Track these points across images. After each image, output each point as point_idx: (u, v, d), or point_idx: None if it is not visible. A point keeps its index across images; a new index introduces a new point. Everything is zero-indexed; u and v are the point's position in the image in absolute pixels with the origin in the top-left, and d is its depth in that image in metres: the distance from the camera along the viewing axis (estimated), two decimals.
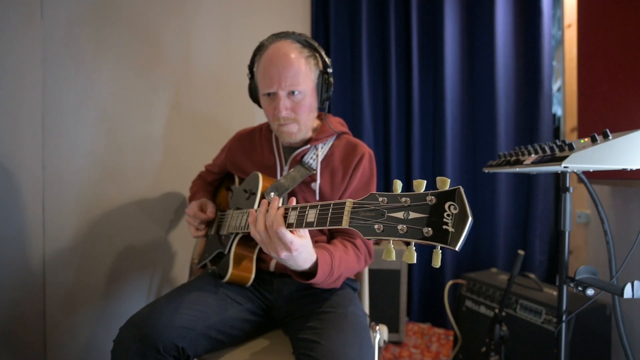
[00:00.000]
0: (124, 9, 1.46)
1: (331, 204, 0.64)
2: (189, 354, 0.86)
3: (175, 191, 1.63)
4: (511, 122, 2.05)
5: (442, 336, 2.06)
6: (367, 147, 1.10)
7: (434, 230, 0.48)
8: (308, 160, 1.06)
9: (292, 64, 0.97)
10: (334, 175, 1.06)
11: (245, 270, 1.02)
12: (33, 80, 1.24)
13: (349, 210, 0.60)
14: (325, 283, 0.90)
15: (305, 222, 0.68)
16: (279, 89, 0.98)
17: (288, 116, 1.00)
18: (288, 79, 0.97)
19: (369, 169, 1.08)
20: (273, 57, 0.99)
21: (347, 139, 1.12)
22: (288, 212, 0.73)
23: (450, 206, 0.47)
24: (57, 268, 1.31)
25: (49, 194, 1.28)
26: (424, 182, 0.52)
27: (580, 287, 0.86)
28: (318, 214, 0.66)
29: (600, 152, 0.77)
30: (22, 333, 1.24)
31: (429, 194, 0.50)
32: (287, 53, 0.98)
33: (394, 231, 0.52)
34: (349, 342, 0.83)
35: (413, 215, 0.51)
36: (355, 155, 1.06)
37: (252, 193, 1.03)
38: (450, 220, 0.47)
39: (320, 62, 1.05)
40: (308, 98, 1.02)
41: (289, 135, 1.05)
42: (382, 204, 0.55)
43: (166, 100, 1.60)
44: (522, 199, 2.04)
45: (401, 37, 2.22)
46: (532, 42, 1.96)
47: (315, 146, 1.08)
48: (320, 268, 0.83)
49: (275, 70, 0.97)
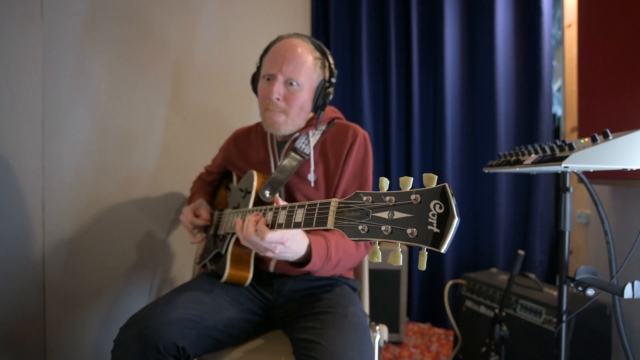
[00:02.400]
0: (124, 9, 1.46)
1: (317, 204, 0.63)
2: (189, 354, 0.85)
3: (176, 190, 1.62)
4: (511, 122, 2.05)
5: (442, 336, 2.06)
6: (360, 129, 1.08)
7: (418, 231, 0.45)
8: (300, 145, 1.06)
9: (300, 55, 1.01)
10: (327, 164, 1.06)
11: (243, 269, 1.01)
12: (33, 80, 1.24)
13: (334, 210, 0.58)
14: (325, 269, 0.90)
15: (293, 223, 0.68)
16: (279, 72, 1.00)
17: (278, 103, 1.01)
18: (291, 66, 1.00)
19: (363, 151, 1.06)
20: (284, 44, 1.04)
21: (339, 123, 1.11)
22: (278, 211, 0.73)
23: (435, 205, 0.44)
24: (57, 268, 1.31)
25: (49, 194, 1.28)
26: (411, 180, 0.48)
27: (581, 287, 0.86)
28: (305, 214, 0.65)
29: (600, 152, 0.77)
30: (22, 333, 1.24)
31: (413, 192, 0.47)
32: (298, 45, 1.03)
33: (378, 232, 0.49)
34: (349, 343, 0.83)
35: (398, 215, 0.48)
36: (347, 139, 1.05)
37: (248, 192, 1.03)
38: (435, 220, 0.44)
39: (327, 71, 1.07)
40: (303, 94, 1.02)
41: (272, 124, 1.04)
42: (366, 204, 0.52)
43: (166, 100, 1.60)
44: (522, 199, 2.04)
45: (401, 37, 2.22)
46: (532, 42, 1.96)
47: (305, 133, 1.08)
48: (316, 252, 0.85)
49: (281, 56, 1.01)
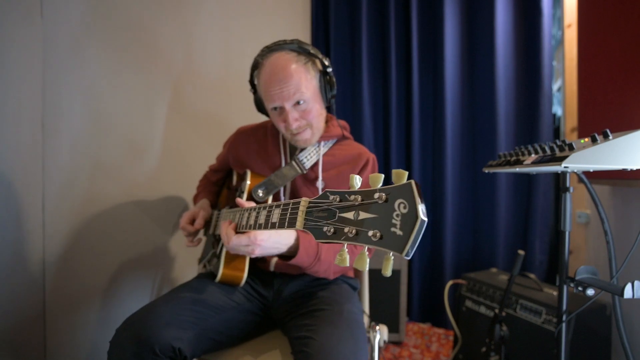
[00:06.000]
0: (124, 9, 1.46)
1: (290, 204, 0.60)
2: (186, 355, 0.85)
3: (176, 192, 1.62)
4: (511, 122, 2.05)
5: (442, 336, 2.06)
6: (370, 153, 1.14)
7: (382, 233, 0.41)
8: (302, 158, 1.07)
9: (292, 76, 0.97)
10: (340, 173, 1.08)
11: (238, 269, 1.00)
12: (33, 80, 1.24)
13: (303, 210, 0.55)
14: (316, 268, 0.94)
15: (270, 223, 0.66)
16: (284, 102, 0.99)
17: (300, 125, 1.02)
18: (291, 91, 0.97)
19: (372, 172, 1.09)
20: (272, 73, 0.99)
21: (351, 143, 1.16)
22: (259, 210, 0.73)
23: (400, 205, 0.40)
24: (57, 268, 1.31)
25: (49, 194, 1.28)
26: (381, 177, 0.44)
27: (581, 287, 0.86)
28: (280, 213, 0.62)
29: (600, 152, 0.77)
30: (22, 333, 1.24)
31: (377, 191, 0.43)
32: (285, 66, 0.98)
33: (343, 234, 0.46)
34: (343, 338, 0.83)
35: (363, 216, 0.44)
36: (360, 160, 1.10)
37: (242, 191, 1.03)
38: (399, 221, 0.40)
39: (319, 64, 1.04)
40: (314, 103, 1.03)
41: (304, 142, 1.06)
42: (334, 203, 0.49)
43: (166, 100, 1.60)
44: (522, 199, 2.03)
45: (401, 37, 2.22)
46: (532, 42, 1.96)
47: (317, 143, 1.09)
48: (302, 246, 0.90)
49: (277, 86, 0.97)
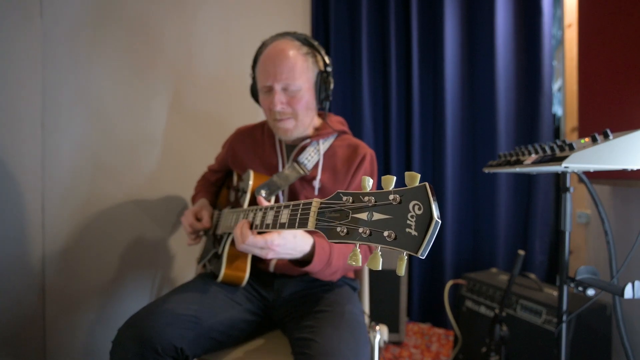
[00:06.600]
0: (123, 9, 1.46)
1: (300, 204, 0.61)
2: (187, 355, 0.85)
3: (176, 191, 1.62)
4: (511, 122, 2.05)
5: (442, 336, 2.06)
6: (368, 148, 1.11)
7: (396, 233, 0.42)
8: (303, 160, 1.07)
9: (288, 59, 0.99)
10: (336, 173, 1.07)
11: (239, 269, 1.00)
12: (32, 80, 1.24)
13: (315, 211, 0.56)
14: (324, 274, 0.93)
15: (279, 223, 0.67)
16: (274, 82, 0.99)
17: (284, 111, 1.01)
18: (284, 73, 0.98)
19: (370, 169, 1.09)
20: (271, 52, 1.01)
21: (349, 139, 1.13)
22: (267, 211, 0.73)
23: (415, 206, 0.41)
24: (57, 268, 1.31)
25: (49, 194, 1.28)
26: (393, 179, 0.45)
27: (581, 287, 0.86)
28: (290, 214, 0.63)
29: (600, 152, 0.77)
30: (22, 333, 1.24)
31: (392, 192, 0.44)
32: (284, 49, 1.00)
33: (357, 234, 0.47)
34: (345, 340, 0.83)
35: (377, 217, 0.45)
36: (357, 155, 1.08)
37: (244, 191, 1.03)
38: (414, 222, 0.41)
39: (320, 61, 1.06)
40: (305, 94, 1.02)
41: (284, 132, 1.05)
42: (347, 204, 0.50)
43: (166, 100, 1.60)
44: (522, 199, 2.03)
45: (401, 37, 2.22)
46: (532, 42, 1.96)
47: (316, 141, 1.09)
48: (317, 256, 0.88)
49: (272, 65, 0.99)
